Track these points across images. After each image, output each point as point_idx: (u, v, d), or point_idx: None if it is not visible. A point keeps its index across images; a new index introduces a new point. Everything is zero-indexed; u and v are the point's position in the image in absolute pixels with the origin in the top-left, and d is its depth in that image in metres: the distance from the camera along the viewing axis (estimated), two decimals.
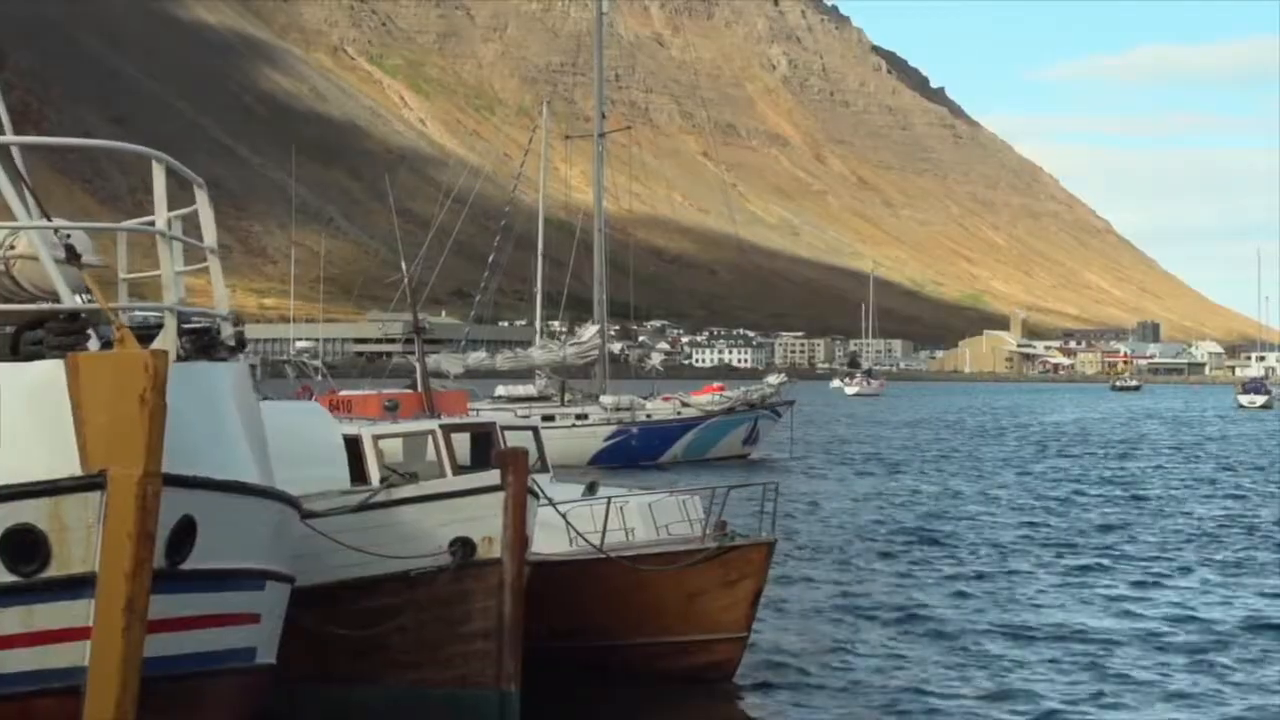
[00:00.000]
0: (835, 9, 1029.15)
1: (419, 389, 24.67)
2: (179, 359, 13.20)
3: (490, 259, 70.72)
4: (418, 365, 25.85)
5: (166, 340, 13.28)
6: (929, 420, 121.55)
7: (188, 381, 12.80)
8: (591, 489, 22.78)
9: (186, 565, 12.73)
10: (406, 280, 27.51)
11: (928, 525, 39.74)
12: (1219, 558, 33.74)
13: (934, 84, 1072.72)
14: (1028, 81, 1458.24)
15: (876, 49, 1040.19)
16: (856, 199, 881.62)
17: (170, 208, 13.94)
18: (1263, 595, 28.24)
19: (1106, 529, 39.58)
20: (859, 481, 56.24)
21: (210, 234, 14.72)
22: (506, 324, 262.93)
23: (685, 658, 20.39)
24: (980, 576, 29.77)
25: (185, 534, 12.61)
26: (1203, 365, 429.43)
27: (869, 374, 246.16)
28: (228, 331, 14.67)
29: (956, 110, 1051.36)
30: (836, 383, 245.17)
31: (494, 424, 23.80)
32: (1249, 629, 24.51)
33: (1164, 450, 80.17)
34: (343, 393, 25.38)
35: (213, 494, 12.87)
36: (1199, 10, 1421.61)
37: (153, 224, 13.79)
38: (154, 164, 13.40)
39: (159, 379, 11.79)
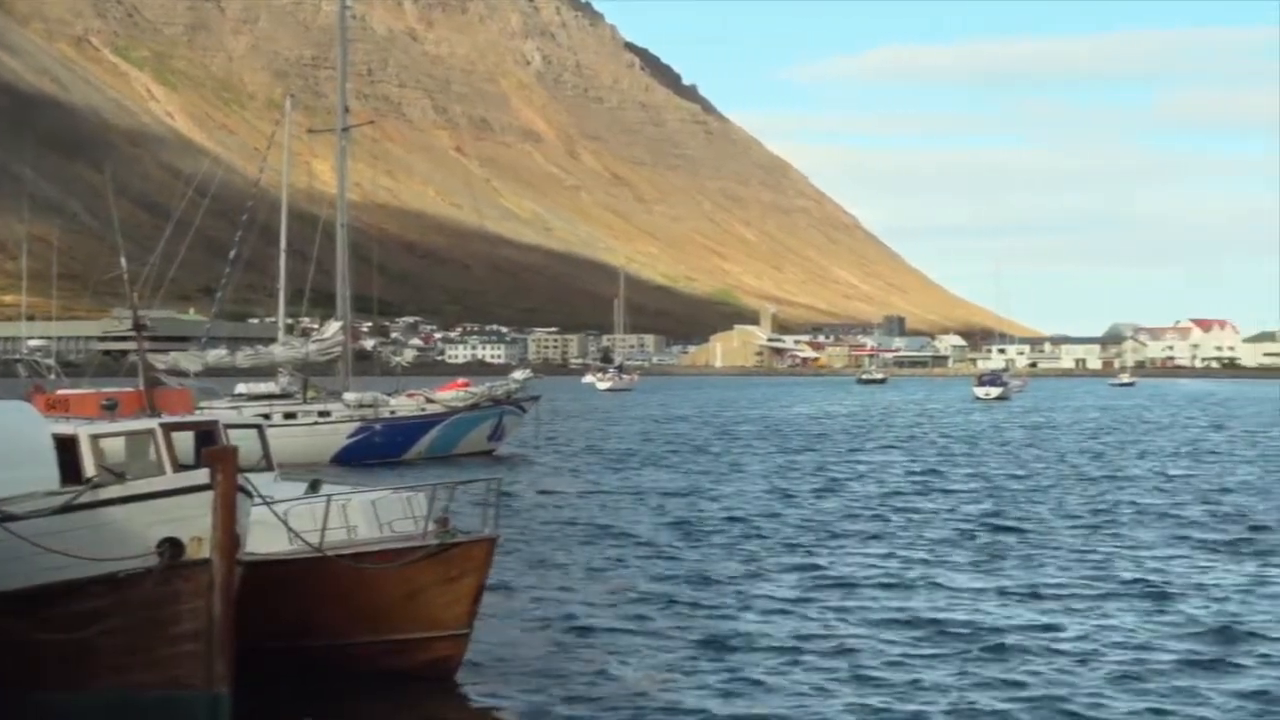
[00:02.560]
0: (589, 5, 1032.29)
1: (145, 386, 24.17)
2: None
3: (232, 254, 69.46)
4: (139, 362, 25.34)
5: None
6: (679, 416, 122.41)
7: None
8: (314, 487, 22.55)
9: None
10: (125, 275, 26.81)
11: (662, 521, 39.93)
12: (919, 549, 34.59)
13: (686, 81, 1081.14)
14: (777, 80, 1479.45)
15: (629, 46, 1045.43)
16: (609, 195, 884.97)
17: None
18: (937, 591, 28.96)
19: (851, 516, 40.57)
20: (600, 476, 56.37)
21: None
22: (256, 320, 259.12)
23: (407, 655, 20.31)
24: (705, 577, 29.66)
25: None
26: (946, 358, 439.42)
27: (621, 369, 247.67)
28: None
29: (708, 107, 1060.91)
30: (589, 378, 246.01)
31: (216, 422, 23.39)
32: (911, 623, 25.12)
33: (913, 441, 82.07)
34: (60, 391, 24.77)
35: None
36: (933, 12, 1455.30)
37: None
38: None
39: None
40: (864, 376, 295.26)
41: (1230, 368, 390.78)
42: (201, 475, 17.02)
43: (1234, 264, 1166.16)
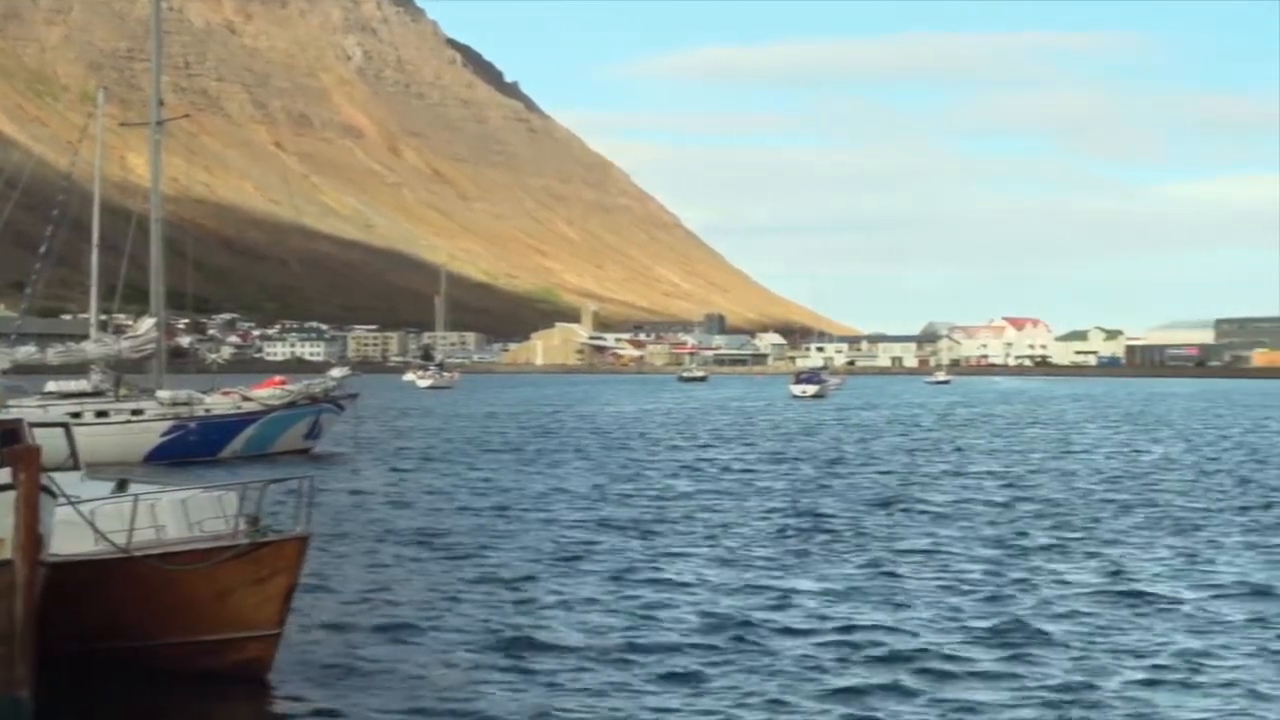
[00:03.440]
0: (410, 1, 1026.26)
1: None
2: None
3: (43, 249, 68.05)
4: None
5: None
6: (499, 414, 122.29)
7: None
8: (122, 486, 22.21)
9: None
10: None
11: (479, 520, 39.86)
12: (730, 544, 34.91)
13: (508, 78, 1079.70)
14: (599, 79, 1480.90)
15: (451, 42, 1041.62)
16: (431, 192, 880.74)
17: None
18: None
19: (668, 514, 40.74)
20: (417, 475, 56.13)
21: None
22: (68, 316, 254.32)
23: (218, 656, 20.01)
24: (520, 576, 29.61)
25: None
26: (765, 356, 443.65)
27: (442, 367, 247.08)
28: None
29: (530, 105, 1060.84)
30: (409, 376, 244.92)
31: (20, 421, 22.88)
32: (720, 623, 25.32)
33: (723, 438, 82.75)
34: None
35: None
36: (754, 12, 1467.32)
37: None
38: None
39: None
40: (685, 374, 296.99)
41: (1042, 365, 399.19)
42: (3, 475, 16.66)
43: (1043, 265, 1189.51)
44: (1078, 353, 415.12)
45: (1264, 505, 45.01)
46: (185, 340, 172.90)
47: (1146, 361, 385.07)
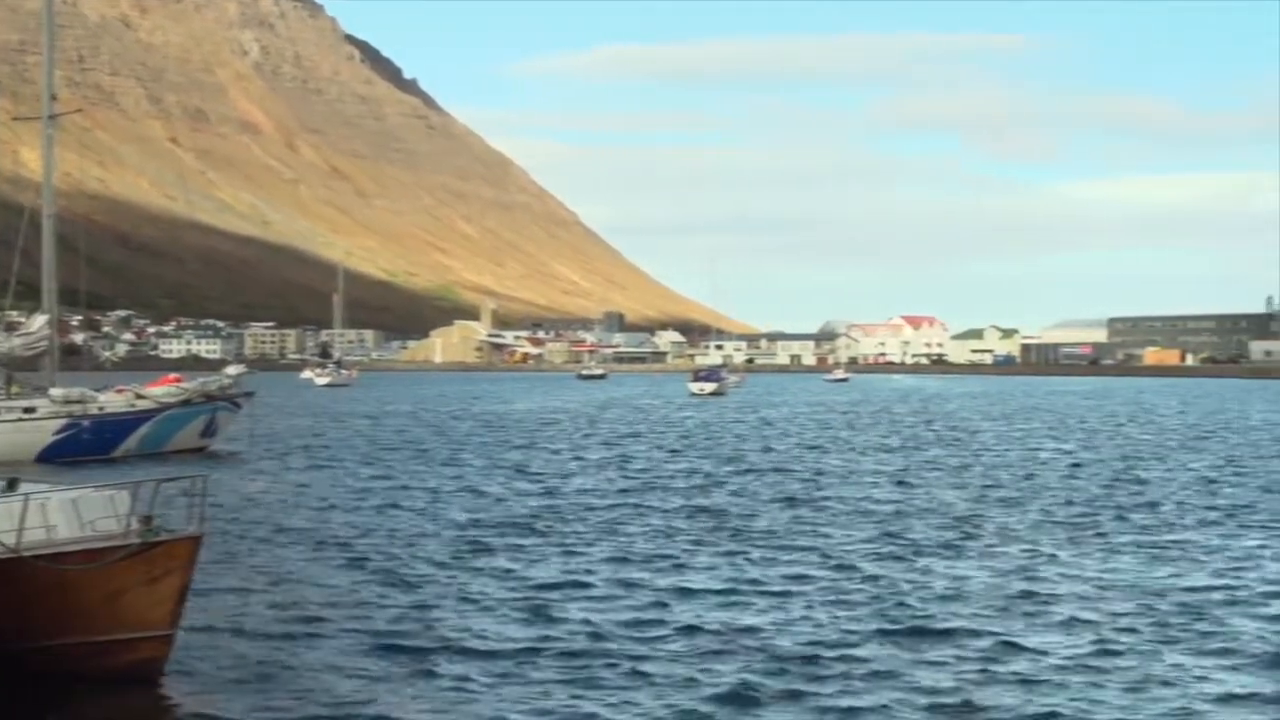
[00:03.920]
0: None
1: None
2: None
3: None
4: None
5: None
6: (397, 412, 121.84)
7: None
8: (11, 485, 21.91)
9: None
10: None
11: (375, 520, 39.72)
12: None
13: (407, 75, 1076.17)
14: (499, 76, 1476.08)
15: (350, 38, 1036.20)
16: (329, 188, 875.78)
17: None
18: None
19: (564, 513, 40.79)
20: (314, 474, 55.77)
21: None
22: None
23: (110, 657, 19.81)
24: (415, 577, 29.51)
25: None
26: (664, 354, 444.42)
27: (340, 364, 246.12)
28: None
29: (429, 102, 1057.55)
30: (307, 373, 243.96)
31: None
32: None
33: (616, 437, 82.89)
34: None
35: None
36: (656, 10, 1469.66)
37: None
38: None
39: None
40: (584, 372, 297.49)
41: (939, 364, 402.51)
42: None
43: (942, 264, 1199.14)
44: (974, 351, 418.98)
45: (1150, 504, 45.57)
46: (79, 337, 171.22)
47: (1041, 360, 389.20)
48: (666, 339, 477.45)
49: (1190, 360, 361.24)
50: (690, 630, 23.85)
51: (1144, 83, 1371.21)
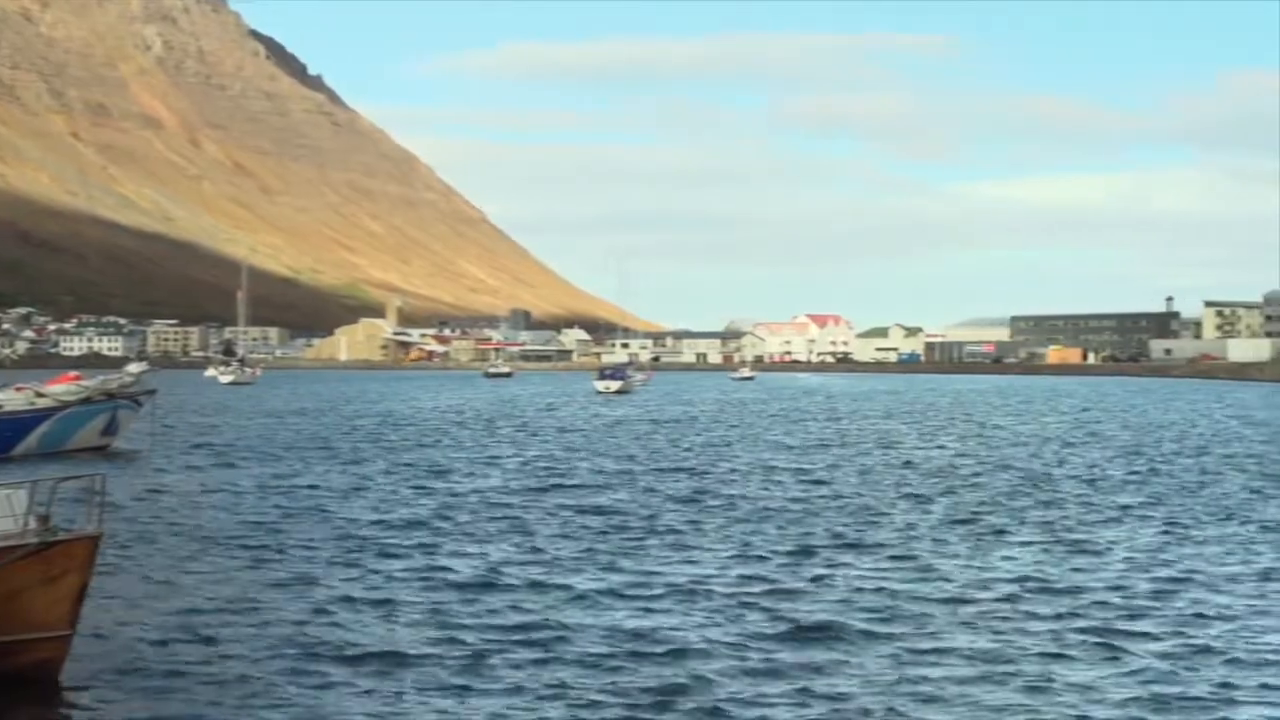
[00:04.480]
0: None
1: None
2: None
3: None
4: None
5: None
6: (301, 410, 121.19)
7: None
8: None
9: None
10: None
11: (277, 519, 39.60)
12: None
13: (312, 71, 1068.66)
14: (406, 73, 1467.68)
15: (254, 34, 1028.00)
16: (233, 184, 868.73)
17: None
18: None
19: (469, 512, 40.80)
20: (215, 473, 55.50)
21: None
22: None
23: (7, 658, 19.69)
24: (315, 577, 29.45)
25: None
26: (570, 352, 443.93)
27: (243, 362, 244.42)
28: None
29: (334, 98, 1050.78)
30: (211, 371, 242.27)
31: None
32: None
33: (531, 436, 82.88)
34: None
35: None
36: (567, 8, 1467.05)
37: None
38: None
39: None
40: (490, 370, 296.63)
41: (844, 362, 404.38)
42: None
43: (847, 263, 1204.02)
44: (879, 349, 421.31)
45: (1056, 501, 46.16)
46: None
47: (945, 358, 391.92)
48: (572, 337, 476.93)
49: (1092, 359, 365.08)
50: (593, 631, 24.02)
51: (1046, 83, 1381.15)
